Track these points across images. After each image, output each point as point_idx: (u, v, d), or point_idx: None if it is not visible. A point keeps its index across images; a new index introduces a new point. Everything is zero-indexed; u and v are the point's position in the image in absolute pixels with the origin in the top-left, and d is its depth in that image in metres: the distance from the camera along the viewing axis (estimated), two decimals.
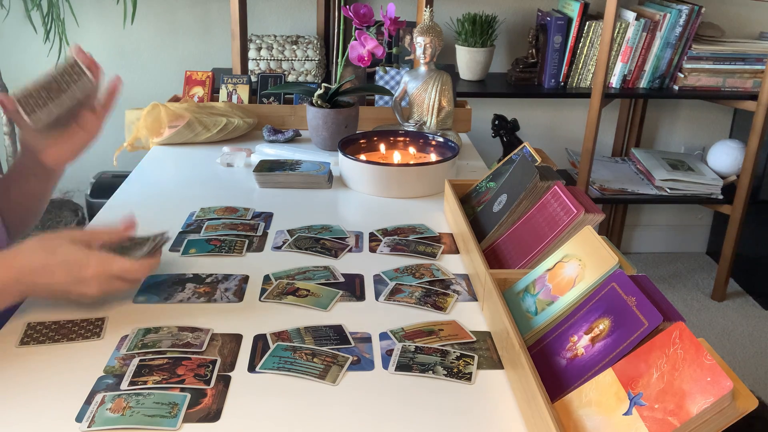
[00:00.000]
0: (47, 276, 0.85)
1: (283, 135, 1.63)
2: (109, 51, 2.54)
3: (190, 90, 1.78)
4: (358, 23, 1.43)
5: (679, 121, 2.85)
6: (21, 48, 2.52)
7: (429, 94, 1.58)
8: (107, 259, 0.88)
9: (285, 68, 2.35)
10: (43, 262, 0.85)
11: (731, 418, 0.59)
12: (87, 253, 0.87)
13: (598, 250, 0.83)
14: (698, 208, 2.98)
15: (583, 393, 0.69)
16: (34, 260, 0.85)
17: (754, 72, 2.46)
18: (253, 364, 0.83)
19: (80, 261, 0.86)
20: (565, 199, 0.97)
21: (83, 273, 0.86)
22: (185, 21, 2.56)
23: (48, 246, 0.86)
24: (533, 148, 1.24)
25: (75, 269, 0.86)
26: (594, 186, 2.53)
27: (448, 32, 2.50)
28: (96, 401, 0.75)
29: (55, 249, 0.86)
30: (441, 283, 1.03)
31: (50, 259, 0.85)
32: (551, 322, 0.81)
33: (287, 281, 1.01)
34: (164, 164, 1.51)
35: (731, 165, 2.59)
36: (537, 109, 2.76)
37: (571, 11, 2.44)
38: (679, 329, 0.64)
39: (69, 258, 0.86)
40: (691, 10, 2.36)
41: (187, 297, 0.97)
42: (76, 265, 0.86)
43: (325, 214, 1.27)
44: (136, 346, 0.85)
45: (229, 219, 1.22)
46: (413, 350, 0.86)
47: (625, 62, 2.44)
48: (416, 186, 1.35)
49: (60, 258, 0.86)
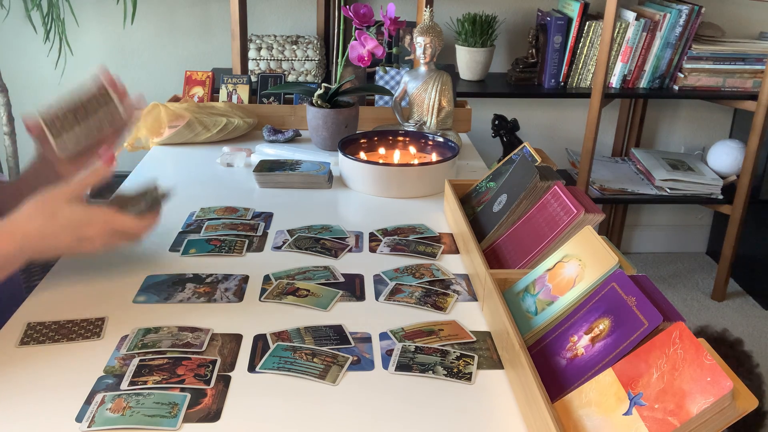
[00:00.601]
0: (51, 240, 0.86)
1: (283, 135, 1.63)
2: (109, 51, 2.54)
3: (190, 90, 1.78)
4: (358, 23, 1.43)
5: (679, 121, 2.85)
6: (21, 48, 2.52)
7: (429, 94, 1.58)
8: (109, 216, 0.89)
9: (285, 68, 2.35)
10: (44, 227, 0.85)
11: (731, 418, 0.59)
12: (87, 211, 0.88)
13: (598, 250, 0.83)
14: (698, 208, 2.98)
15: (583, 393, 0.69)
16: (35, 226, 0.85)
17: (754, 72, 2.46)
18: (253, 364, 0.83)
19: (82, 220, 0.87)
20: (565, 199, 0.97)
21: (86, 232, 0.87)
22: (185, 21, 2.56)
23: (47, 210, 0.86)
24: (533, 148, 1.24)
25: (78, 229, 0.86)
26: (594, 186, 2.53)
27: (448, 32, 2.50)
28: (96, 401, 0.75)
29: (54, 212, 0.86)
30: (441, 283, 1.03)
31: (52, 222, 0.85)
32: (551, 322, 0.81)
33: (287, 281, 1.01)
34: (164, 164, 1.51)
35: (731, 165, 2.59)
36: (537, 109, 2.76)
37: (571, 11, 2.44)
38: (679, 329, 0.64)
39: (70, 219, 0.86)
40: (691, 10, 2.36)
41: (187, 297, 0.97)
42: (78, 225, 0.86)
43: (325, 214, 1.27)
44: (136, 346, 0.85)
45: (229, 219, 1.22)
46: (413, 350, 0.86)
47: (625, 62, 2.44)
48: (416, 186, 1.35)
49: (61, 221, 0.86)
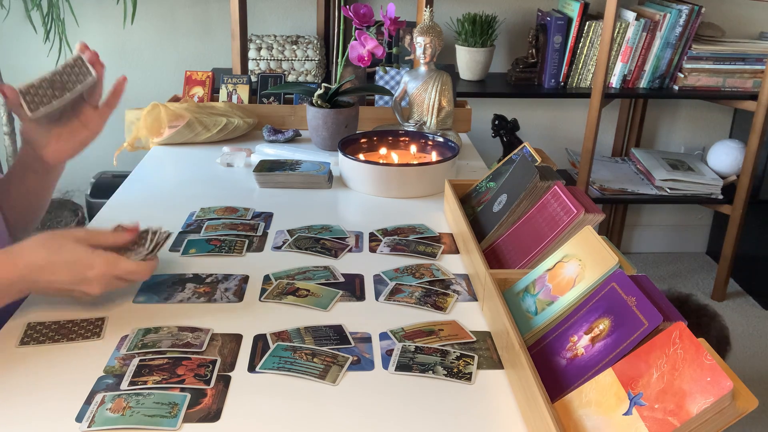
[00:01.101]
0: (51, 274, 0.85)
1: (283, 135, 1.63)
2: (109, 51, 2.54)
3: (190, 90, 1.78)
4: (358, 23, 1.43)
5: (679, 121, 2.85)
6: (21, 48, 2.52)
7: (429, 94, 1.58)
8: (112, 260, 0.88)
9: (285, 68, 2.35)
10: (47, 260, 0.85)
11: (731, 418, 0.59)
12: (91, 253, 0.87)
13: (598, 250, 0.83)
14: (698, 208, 2.98)
15: (583, 393, 0.69)
16: (38, 258, 0.85)
17: (754, 72, 2.46)
18: (253, 364, 0.82)
19: (84, 261, 0.86)
20: (565, 199, 0.97)
21: (87, 273, 0.86)
22: (185, 21, 2.56)
23: (51, 244, 0.87)
24: (533, 148, 1.24)
25: (79, 269, 0.86)
26: (594, 186, 2.53)
27: (448, 32, 2.50)
28: (96, 401, 0.75)
29: (59, 248, 0.86)
30: (441, 283, 1.03)
31: (54, 257, 0.85)
32: (551, 322, 0.81)
33: (287, 281, 1.01)
34: (164, 164, 1.51)
35: (731, 165, 2.59)
36: (537, 109, 2.76)
37: (571, 11, 2.44)
38: (679, 329, 0.64)
39: (73, 257, 0.86)
40: (691, 10, 2.36)
41: (187, 297, 0.97)
42: (80, 265, 0.86)
43: (325, 214, 1.27)
44: (136, 346, 0.85)
45: (229, 219, 1.22)
46: (413, 350, 0.86)
47: (625, 62, 2.44)
48: (416, 186, 1.35)
49: (64, 257, 0.86)
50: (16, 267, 0.84)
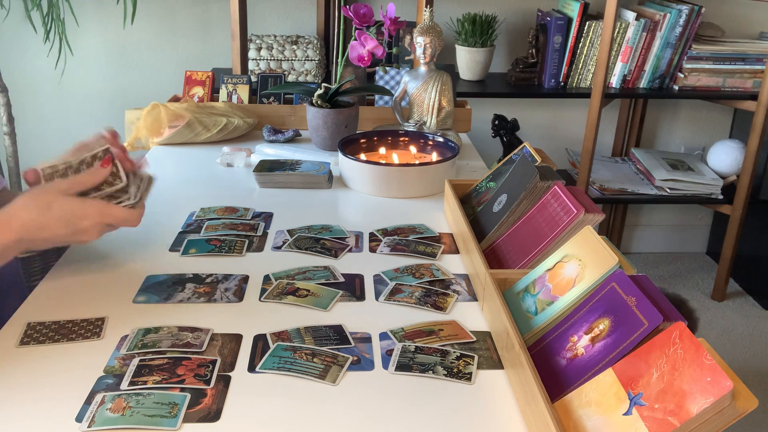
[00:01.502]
0: (47, 231, 0.88)
1: (283, 135, 1.63)
2: (109, 51, 2.54)
3: (190, 90, 1.78)
4: (358, 23, 1.43)
5: (679, 121, 2.85)
6: (21, 48, 2.52)
7: (429, 94, 1.58)
8: (103, 208, 0.92)
9: (285, 68, 2.35)
10: (41, 218, 0.88)
11: (731, 418, 0.59)
12: (81, 203, 0.90)
13: (598, 250, 0.83)
14: (698, 208, 2.98)
15: (583, 393, 0.69)
16: (31, 218, 0.87)
17: (754, 72, 2.46)
18: (253, 364, 0.82)
19: (77, 212, 0.89)
20: (565, 199, 0.97)
21: (81, 224, 0.89)
22: (185, 21, 2.56)
23: (41, 202, 0.89)
24: (533, 148, 1.24)
25: (73, 221, 0.89)
26: (594, 186, 2.53)
27: (448, 32, 2.50)
28: (96, 401, 0.75)
29: (49, 204, 0.89)
30: (441, 283, 1.03)
31: (47, 214, 0.88)
32: (551, 322, 0.81)
33: (287, 281, 1.01)
34: (164, 164, 1.51)
35: (731, 165, 2.59)
36: (537, 109, 2.76)
37: (571, 11, 2.44)
38: (679, 329, 0.64)
39: (65, 211, 0.89)
40: (691, 10, 2.36)
41: (187, 297, 0.97)
42: (73, 217, 0.89)
43: (325, 214, 1.27)
44: (136, 346, 0.85)
45: (229, 219, 1.22)
46: (413, 350, 0.86)
47: (625, 62, 2.44)
48: (416, 186, 1.35)
49: (56, 213, 0.88)
50: (12, 230, 0.87)
